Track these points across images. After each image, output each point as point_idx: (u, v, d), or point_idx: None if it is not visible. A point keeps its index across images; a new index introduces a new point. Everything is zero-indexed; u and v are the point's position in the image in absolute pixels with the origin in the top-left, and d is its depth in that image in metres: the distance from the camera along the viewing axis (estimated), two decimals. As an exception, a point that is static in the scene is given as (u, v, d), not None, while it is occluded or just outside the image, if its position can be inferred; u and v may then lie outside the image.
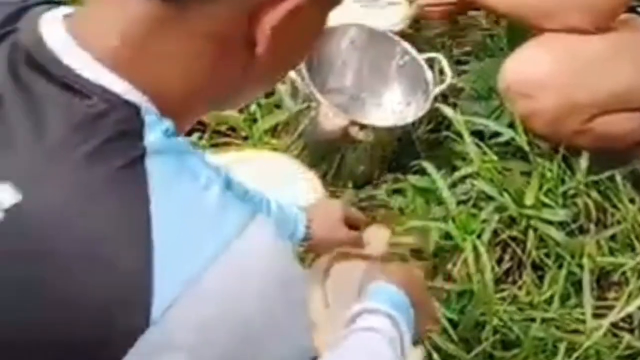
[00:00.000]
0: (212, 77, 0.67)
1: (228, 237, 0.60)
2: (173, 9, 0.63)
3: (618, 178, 1.58)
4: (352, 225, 1.31)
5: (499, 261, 1.50)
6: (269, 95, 1.72)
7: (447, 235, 1.48)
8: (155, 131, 0.63)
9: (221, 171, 0.65)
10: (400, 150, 1.66)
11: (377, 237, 1.39)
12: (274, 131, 1.68)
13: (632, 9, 1.62)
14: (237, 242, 0.60)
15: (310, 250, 1.26)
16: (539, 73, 1.52)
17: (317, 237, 1.22)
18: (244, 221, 0.61)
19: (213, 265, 0.59)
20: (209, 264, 0.59)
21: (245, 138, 1.67)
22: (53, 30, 0.65)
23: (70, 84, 0.63)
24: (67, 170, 0.61)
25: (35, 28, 0.65)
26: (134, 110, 0.63)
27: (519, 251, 1.50)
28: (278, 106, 1.72)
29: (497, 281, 1.48)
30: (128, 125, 0.62)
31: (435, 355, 1.32)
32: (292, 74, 1.61)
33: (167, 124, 0.64)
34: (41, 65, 0.64)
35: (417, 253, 1.49)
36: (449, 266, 1.47)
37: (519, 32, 1.73)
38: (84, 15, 0.67)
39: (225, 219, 0.61)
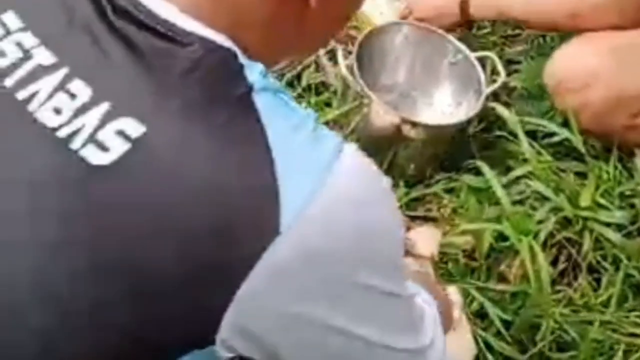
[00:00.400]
0: (274, 26, 0.72)
1: (330, 158, 0.66)
2: None
3: (677, 178, 1.55)
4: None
5: (554, 262, 1.48)
6: (319, 93, 1.72)
7: (501, 236, 1.46)
8: (254, 72, 0.68)
9: (308, 113, 0.70)
10: (453, 150, 1.64)
11: (427, 237, 1.38)
12: (325, 128, 1.67)
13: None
14: (337, 163, 0.66)
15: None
16: (585, 67, 1.51)
17: None
18: (337, 147, 0.67)
19: (324, 183, 0.65)
20: (320, 182, 0.65)
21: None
22: None
23: (166, 33, 0.67)
24: (185, 107, 0.65)
25: None
26: (232, 53, 0.68)
27: (574, 253, 1.48)
28: (328, 104, 1.72)
29: (553, 283, 1.45)
30: (230, 67, 0.68)
31: (489, 356, 1.31)
32: (344, 70, 1.60)
33: (261, 66, 0.69)
34: (131, 12, 0.68)
35: (470, 254, 1.47)
36: (503, 267, 1.45)
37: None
38: None
39: (326, 142, 0.67)
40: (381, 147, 1.59)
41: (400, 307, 0.76)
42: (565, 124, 1.59)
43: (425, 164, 1.62)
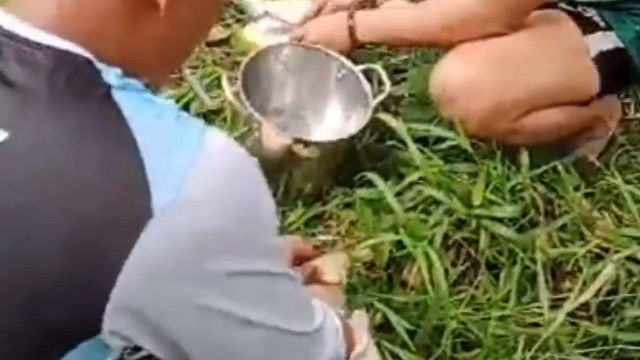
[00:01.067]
0: (129, 36, 0.76)
1: (196, 142, 0.70)
2: None
3: (560, 168, 1.60)
4: (307, 258, 1.32)
5: (454, 264, 1.51)
6: (210, 121, 1.72)
7: (400, 245, 1.48)
8: (111, 75, 0.73)
9: (170, 103, 0.76)
10: (347, 164, 1.66)
11: (334, 264, 1.38)
12: (218, 158, 1.67)
13: (553, 5, 1.64)
14: (202, 147, 0.70)
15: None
16: (463, 78, 1.55)
17: None
18: (202, 130, 0.72)
19: (192, 167, 0.69)
20: (188, 165, 0.69)
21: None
22: None
23: (23, 48, 0.71)
24: (47, 111, 0.70)
25: None
26: (87, 60, 0.73)
27: (472, 252, 1.51)
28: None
29: (454, 284, 1.48)
30: (87, 71, 0.72)
31: (396, 366, 1.33)
32: (230, 97, 1.61)
33: (118, 70, 0.73)
34: None
35: (371, 266, 1.50)
36: (404, 275, 1.47)
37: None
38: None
39: (190, 127, 0.72)
40: (276, 169, 1.60)
41: (286, 287, 0.80)
42: (454, 128, 1.63)
43: (321, 182, 1.64)
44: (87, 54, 0.73)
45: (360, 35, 1.70)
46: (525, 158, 1.58)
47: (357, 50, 1.85)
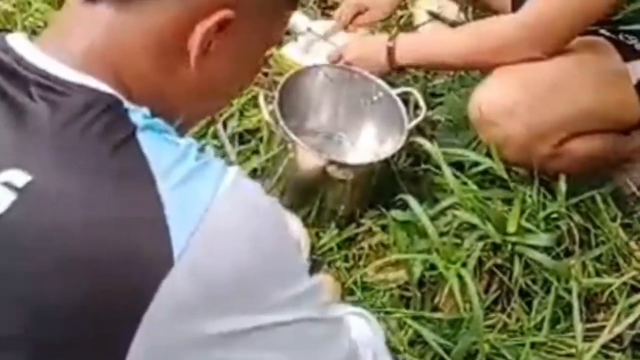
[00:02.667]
0: (160, 79, 0.76)
1: (215, 182, 0.70)
2: (123, 12, 0.74)
3: (598, 198, 1.59)
4: None
5: (486, 290, 1.50)
6: (245, 141, 1.73)
7: (432, 267, 1.47)
8: (138, 114, 0.72)
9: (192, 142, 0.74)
10: (381, 187, 1.66)
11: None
12: (252, 177, 1.68)
13: (594, 32, 1.63)
14: (222, 187, 0.70)
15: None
16: (505, 101, 1.54)
17: None
18: (223, 169, 0.71)
19: (211, 206, 0.68)
20: (208, 204, 0.68)
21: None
22: (19, 43, 0.75)
23: (49, 85, 0.71)
24: (71, 154, 0.69)
25: (3, 42, 0.74)
26: (115, 99, 0.72)
27: (505, 279, 1.50)
28: (256, 152, 1.73)
29: (487, 310, 1.47)
30: (114, 111, 0.71)
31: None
32: (266, 116, 1.62)
33: (145, 109, 0.73)
34: (15, 70, 0.72)
35: (404, 287, 1.49)
36: (437, 298, 1.46)
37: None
38: (48, 31, 0.78)
39: (209, 168, 0.71)
40: (309, 190, 1.60)
41: (324, 332, 0.78)
42: (490, 153, 1.62)
43: (354, 204, 1.64)
44: (116, 93, 0.73)
45: (399, 57, 1.70)
46: (562, 185, 1.56)
47: (394, 73, 1.86)
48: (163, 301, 0.66)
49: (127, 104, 0.72)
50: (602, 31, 1.64)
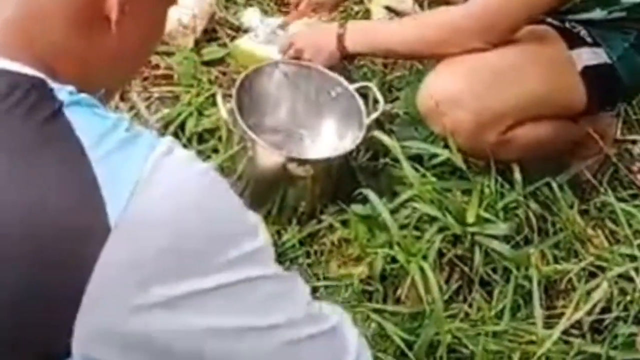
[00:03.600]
0: (81, 53, 0.77)
1: (147, 150, 0.70)
2: None
3: (554, 185, 1.61)
4: None
5: (448, 281, 1.51)
6: (204, 140, 1.73)
7: (394, 260, 1.48)
8: (63, 92, 0.72)
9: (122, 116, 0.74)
10: (341, 182, 1.66)
11: None
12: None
13: (540, 20, 1.65)
14: (155, 153, 0.70)
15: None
16: (449, 91, 1.56)
17: None
18: (155, 139, 0.72)
19: (140, 180, 0.68)
20: (141, 171, 0.69)
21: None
22: None
23: None
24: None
25: None
26: (38, 79, 0.72)
27: (466, 269, 1.51)
28: (215, 150, 1.73)
29: (449, 300, 1.49)
30: (38, 91, 0.71)
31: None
32: (224, 115, 1.62)
33: (70, 87, 0.73)
34: None
35: (366, 281, 1.50)
36: (399, 290, 1.47)
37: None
38: None
39: (141, 138, 0.71)
40: (270, 188, 1.61)
41: (277, 287, 0.76)
42: (447, 145, 1.63)
43: (315, 200, 1.64)
44: (39, 74, 0.73)
45: (349, 44, 1.71)
46: (517, 174, 1.58)
47: (350, 66, 1.87)
48: (103, 271, 0.66)
49: (51, 83, 0.73)
50: (549, 19, 1.66)
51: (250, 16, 2.07)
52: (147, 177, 0.69)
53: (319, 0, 1.91)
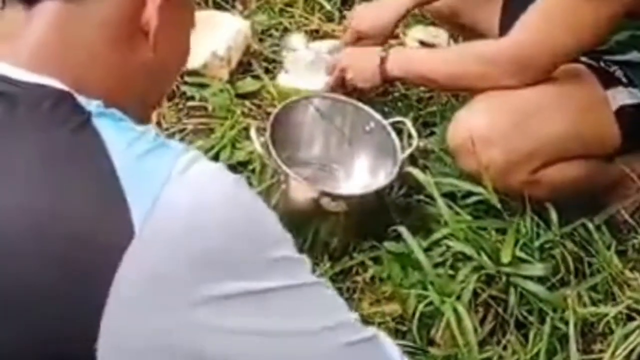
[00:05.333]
0: (119, 66, 0.77)
1: (174, 158, 0.69)
2: (68, 3, 0.74)
3: (591, 226, 1.58)
4: None
5: (482, 322, 1.48)
6: (237, 172, 1.72)
7: (427, 299, 1.46)
8: (91, 104, 0.72)
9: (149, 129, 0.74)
10: (374, 219, 1.65)
11: None
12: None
13: (575, 59, 1.63)
14: (181, 161, 0.69)
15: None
16: (480, 128, 1.54)
17: None
18: (183, 148, 0.71)
19: (167, 184, 0.67)
20: (164, 183, 0.67)
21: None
22: None
23: (3, 88, 0.71)
24: (23, 134, 0.70)
25: None
26: (67, 93, 0.72)
27: (500, 310, 1.49)
28: (249, 183, 1.72)
29: (482, 342, 1.46)
30: (67, 104, 0.72)
31: None
32: (258, 148, 1.61)
33: (97, 102, 0.72)
34: None
35: (399, 320, 1.48)
36: (432, 331, 1.45)
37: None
38: None
39: (168, 146, 0.71)
40: (302, 223, 1.60)
41: (313, 294, 0.75)
42: (481, 183, 1.62)
43: (348, 236, 1.63)
44: (68, 89, 0.73)
45: (390, 67, 1.71)
46: (553, 214, 1.56)
47: (386, 102, 1.86)
48: (126, 273, 0.65)
49: (78, 97, 0.73)
50: (583, 58, 1.64)
51: (295, 40, 2.07)
52: (173, 183, 0.68)
53: (363, 30, 1.91)
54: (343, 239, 1.62)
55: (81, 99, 0.73)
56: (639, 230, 1.66)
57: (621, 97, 1.60)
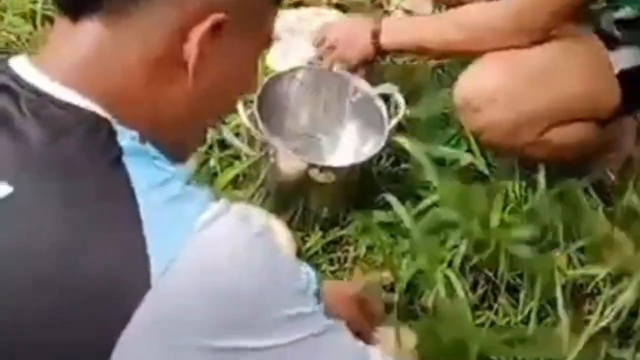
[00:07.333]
0: (157, 98, 0.75)
1: (200, 208, 0.69)
2: (111, 28, 0.73)
3: (579, 189, 1.59)
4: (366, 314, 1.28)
5: (474, 287, 1.50)
6: (225, 147, 1.73)
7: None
8: (126, 137, 0.72)
9: (180, 172, 0.74)
10: (363, 188, 1.66)
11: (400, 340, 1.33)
12: (235, 183, 1.67)
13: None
14: (207, 213, 0.69)
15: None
16: (488, 87, 1.54)
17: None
18: (209, 197, 0.71)
19: (187, 242, 0.67)
20: (184, 242, 0.67)
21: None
22: (18, 62, 0.75)
23: (38, 101, 0.71)
24: (54, 168, 0.69)
25: (3, 65, 0.75)
26: (103, 119, 0.72)
27: (491, 275, 1.50)
28: (237, 157, 1.73)
29: (474, 308, 1.48)
30: (102, 133, 0.71)
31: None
32: (246, 121, 1.61)
33: (134, 133, 0.72)
34: (9, 86, 0.73)
35: (390, 289, 1.49)
36: (423, 298, 1.47)
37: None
38: (44, 49, 0.77)
39: (194, 195, 0.70)
40: (292, 194, 1.61)
41: (330, 339, 0.76)
42: (470, 149, 1.63)
43: (337, 206, 1.64)
44: (106, 114, 0.72)
45: (384, 40, 1.68)
46: (541, 176, 1.56)
47: (371, 72, 1.85)
48: (139, 321, 0.66)
49: (115, 125, 0.72)
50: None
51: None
52: (197, 235, 0.68)
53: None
54: (333, 209, 1.63)
55: (118, 127, 0.72)
56: (625, 192, 1.67)
57: (623, 59, 1.60)
